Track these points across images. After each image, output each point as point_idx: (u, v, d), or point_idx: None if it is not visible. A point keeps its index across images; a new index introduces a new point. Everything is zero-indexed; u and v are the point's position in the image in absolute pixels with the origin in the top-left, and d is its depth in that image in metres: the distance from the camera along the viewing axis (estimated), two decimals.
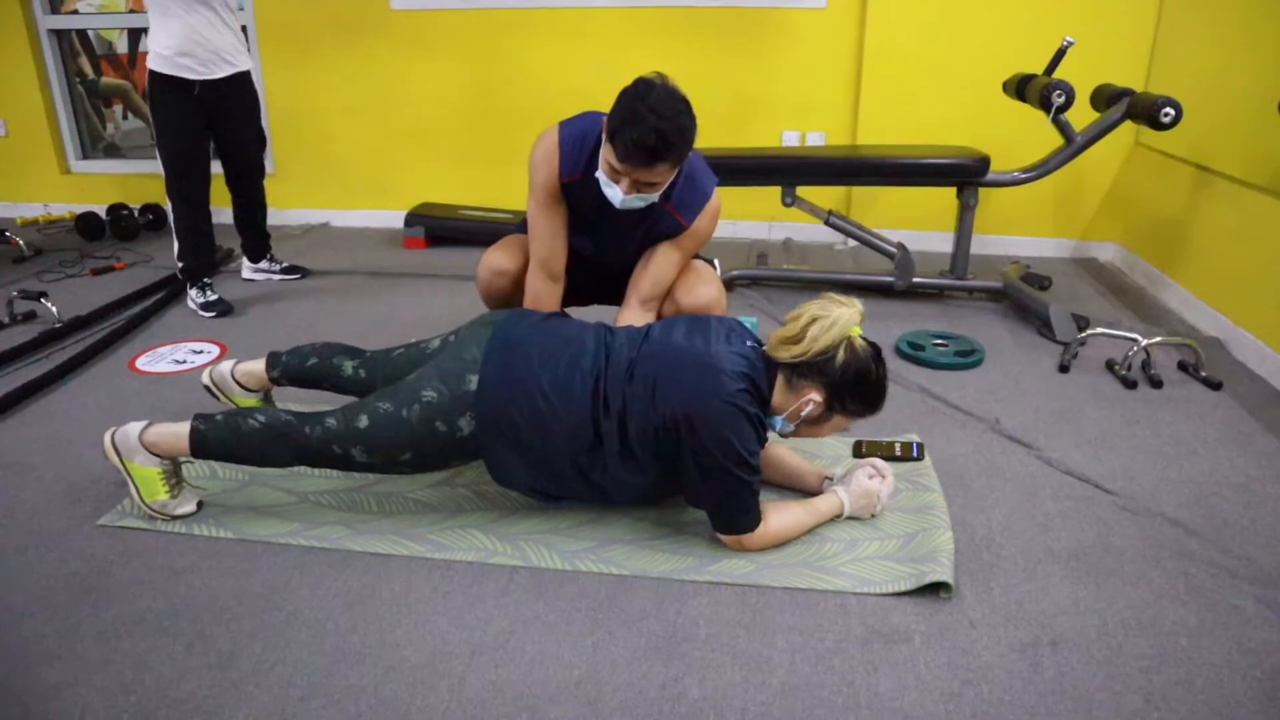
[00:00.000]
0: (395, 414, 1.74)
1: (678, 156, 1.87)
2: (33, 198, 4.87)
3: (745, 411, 1.65)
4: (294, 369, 2.11)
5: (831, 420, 1.76)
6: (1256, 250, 2.81)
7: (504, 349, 1.76)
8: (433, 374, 1.77)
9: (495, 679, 1.45)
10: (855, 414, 1.75)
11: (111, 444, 1.83)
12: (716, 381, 1.65)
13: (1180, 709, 1.38)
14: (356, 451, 1.77)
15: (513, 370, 1.74)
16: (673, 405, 1.65)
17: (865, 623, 1.58)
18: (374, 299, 3.46)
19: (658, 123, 1.78)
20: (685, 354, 1.71)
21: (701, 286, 2.18)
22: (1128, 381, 2.57)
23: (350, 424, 1.76)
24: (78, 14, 4.81)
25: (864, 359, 1.69)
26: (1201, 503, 1.97)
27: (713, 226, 2.14)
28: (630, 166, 1.84)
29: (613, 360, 1.75)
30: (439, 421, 1.73)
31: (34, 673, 1.46)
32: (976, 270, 3.51)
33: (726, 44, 4.06)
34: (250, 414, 1.81)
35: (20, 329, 3.04)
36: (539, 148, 2.03)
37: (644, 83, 1.83)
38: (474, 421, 1.73)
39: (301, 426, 1.78)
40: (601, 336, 1.82)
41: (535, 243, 2.11)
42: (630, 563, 1.74)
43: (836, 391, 1.70)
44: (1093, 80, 3.32)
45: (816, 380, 1.70)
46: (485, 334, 1.80)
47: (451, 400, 1.73)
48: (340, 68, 4.39)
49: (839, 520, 1.87)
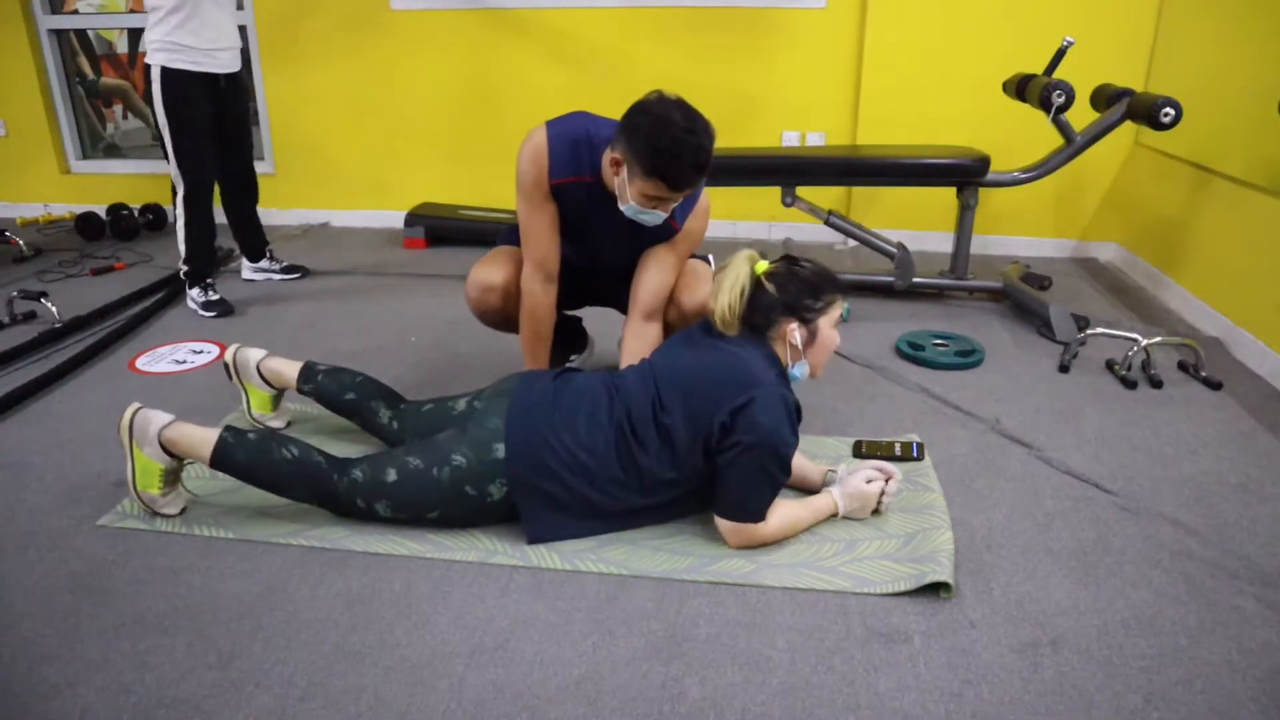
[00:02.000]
0: (425, 472, 1.76)
1: None
2: (33, 198, 4.87)
3: (785, 399, 1.69)
4: (329, 395, 2.13)
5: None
6: (1256, 250, 2.81)
7: (523, 418, 1.78)
8: (460, 440, 1.79)
9: (495, 679, 1.45)
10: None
11: (128, 424, 1.81)
12: (751, 374, 1.69)
13: (1180, 709, 1.38)
14: (381, 506, 1.78)
15: (536, 433, 1.75)
16: (722, 411, 1.67)
17: (865, 623, 1.58)
18: (374, 299, 3.45)
19: (696, 140, 1.80)
20: (707, 364, 1.74)
21: (701, 286, 2.18)
22: (1128, 381, 2.57)
23: (378, 478, 1.78)
24: (78, 14, 4.81)
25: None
26: (1201, 503, 1.97)
27: (704, 225, 2.15)
28: (682, 191, 1.87)
29: (634, 404, 1.77)
30: (469, 486, 1.75)
31: (34, 673, 1.46)
32: (976, 270, 3.51)
33: (726, 44, 4.06)
34: (285, 444, 1.80)
35: (20, 329, 3.05)
36: (527, 148, 2.02)
37: (661, 105, 1.83)
38: (505, 488, 1.75)
39: (331, 474, 1.79)
40: (610, 384, 1.84)
41: (529, 244, 2.10)
42: (630, 563, 1.74)
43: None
44: (1093, 80, 3.32)
45: (780, 312, 1.75)
46: (502, 405, 1.81)
47: (480, 466, 1.75)
48: (340, 68, 4.39)
49: (838, 520, 1.87)
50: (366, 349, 2.89)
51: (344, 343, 2.95)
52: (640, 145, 1.82)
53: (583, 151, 1.99)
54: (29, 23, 4.61)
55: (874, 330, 3.04)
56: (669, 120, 1.80)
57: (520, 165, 2.03)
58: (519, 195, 2.07)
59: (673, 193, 1.87)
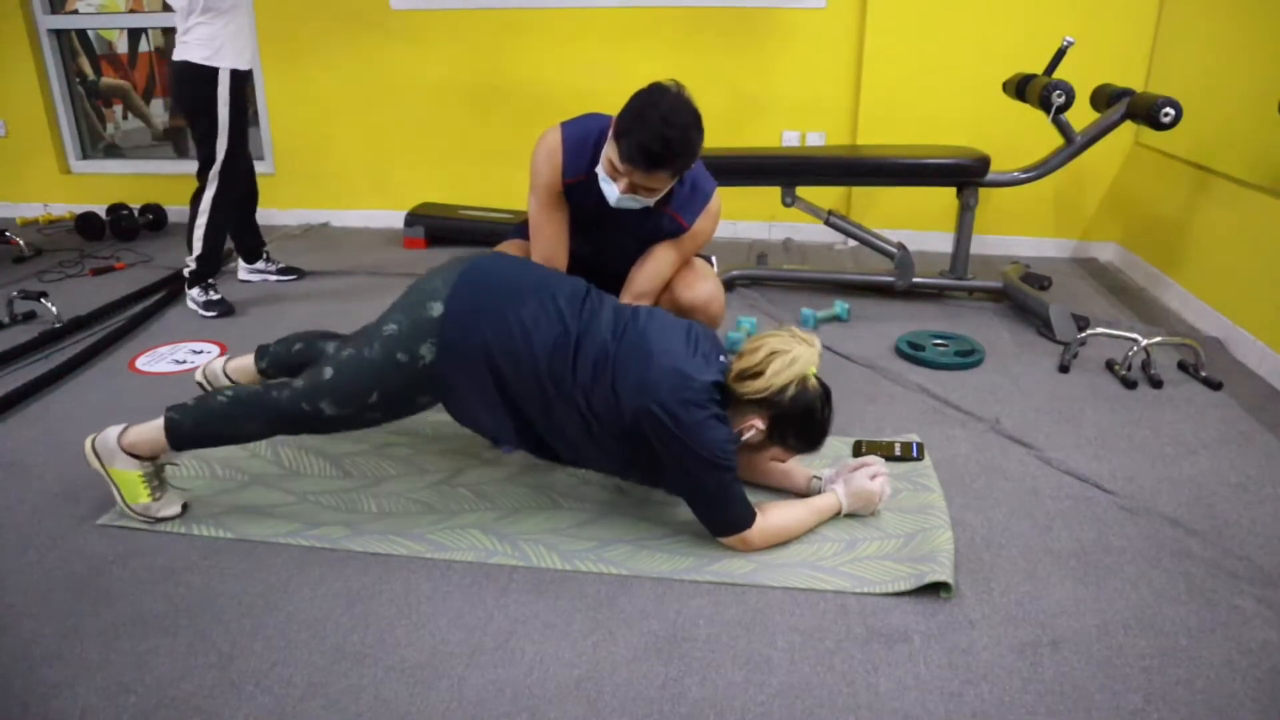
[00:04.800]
0: (358, 355, 1.74)
1: (679, 167, 1.88)
2: (33, 198, 4.87)
3: (714, 414, 1.66)
4: (281, 357, 2.12)
5: (769, 450, 1.77)
6: (1256, 250, 2.81)
7: (475, 280, 1.75)
8: (395, 308, 1.77)
9: (495, 679, 1.45)
10: (794, 449, 1.77)
11: (92, 450, 1.83)
12: (687, 384, 1.65)
13: (1180, 709, 1.38)
14: (325, 405, 1.74)
15: (481, 302, 1.72)
16: (642, 401, 1.65)
17: (865, 623, 1.58)
18: (374, 299, 3.45)
19: (666, 130, 1.78)
20: (663, 352, 1.70)
21: (700, 283, 2.19)
22: (1128, 381, 2.57)
23: (316, 378, 1.76)
24: (78, 14, 4.81)
25: (812, 397, 1.71)
26: (1201, 503, 1.97)
27: (713, 228, 2.14)
28: (631, 168, 1.84)
29: (593, 325, 1.73)
30: (400, 352, 1.71)
31: (34, 673, 1.46)
32: (976, 270, 3.51)
33: (726, 44, 4.06)
34: (220, 391, 1.82)
35: (20, 329, 3.04)
36: (541, 147, 2.03)
37: (659, 88, 1.84)
38: (435, 348, 1.70)
39: (269, 392, 1.78)
40: (583, 291, 1.81)
41: (538, 243, 2.11)
42: (630, 563, 1.74)
43: (780, 424, 1.72)
44: (1093, 80, 3.32)
45: (764, 409, 1.70)
46: (457, 266, 1.78)
47: (412, 328, 1.71)
48: (340, 67, 4.39)
49: (837, 519, 1.87)
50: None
51: None
52: (620, 119, 1.84)
53: (592, 148, 2.00)
54: (29, 23, 4.60)
55: (874, 330, 3.04)
56: (655, 100, 1.81)
57: (534, 164, 2.04)
58: (531, 194, 2.07)
59: (625, 165, 1.84)
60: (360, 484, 2.04)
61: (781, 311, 3.21)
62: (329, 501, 1.97)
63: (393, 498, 1.98)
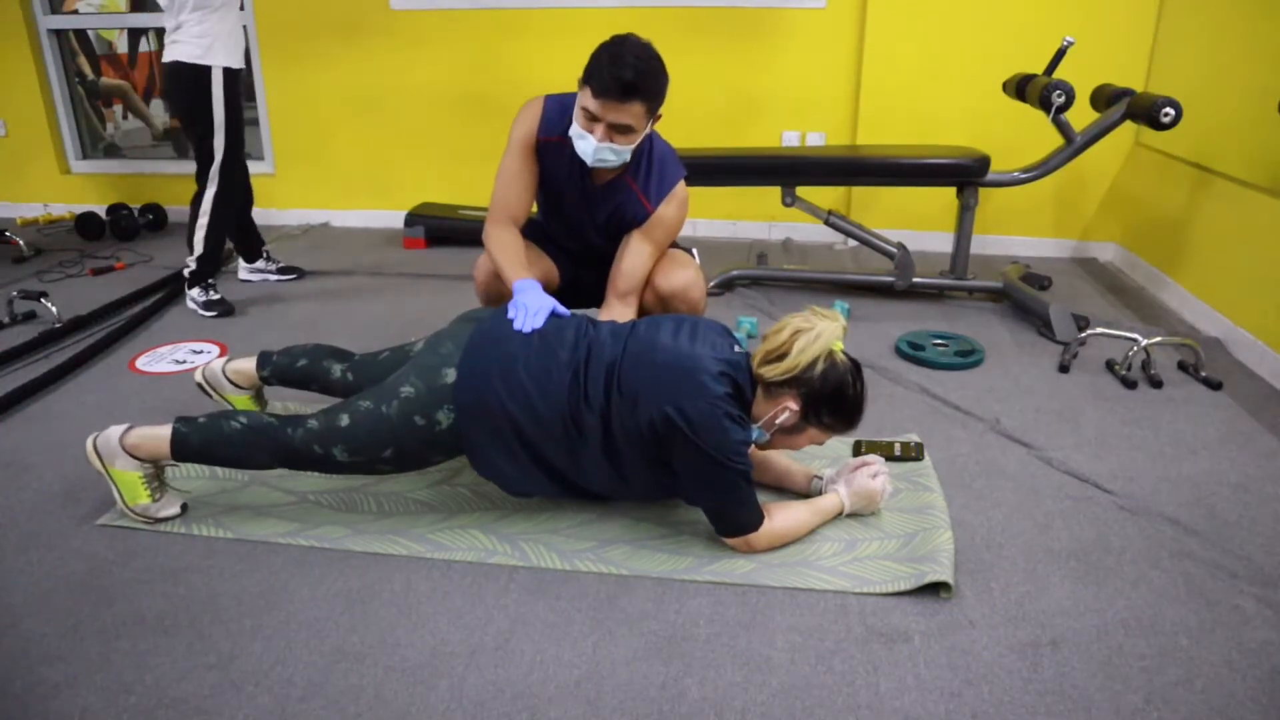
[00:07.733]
0: (375, 410, 1.75)
1: (651, 95, 1.96)
2: (33, 198, 4.87)
3: (728, 413, 1.65)
4: (284, 369, 2.12)
5: (807, 432, 1.75)
6: (1256, 250, 2.81)
7: (483, 342, 1.77)
8: (411, 371, 1.78)
9: (495, 679, 1.45)
10: (829, 428, 1.75)
11: (93, 449, 1.83)
12: (698, 383, 1.64)
13: (1180, 709, 1.38)
14: (338, 451, 1.76)
15: (490, 361, 1.74)
16: (656, 408, 1.65)
17: (865, 623, 1.58)
18: (374, 299, 3.45)
19: (635, 61, 1.89)
20: (669, 355, 1.70)
21: (677, 270, 2.20)
22: (1128, 381, 2.57)
23: (331, 423, 1.76)
24: (78, 14, 4.81)
25: (842, 372, 1.69)
26: (1201, 503, 1.97)
27: (681, 216, 2.17)
28: (605, 102, 1.90)
29: (595, 354, 1.75)
30: (418, 416, 1.73)
31: (34, 673, 1.46)
32: (976, 270, 3.51)
33: (726, 44, 4.06)
34: (233, 416, 1.81)
35: (20, 329, 3.04)
36: (523, 109, 2.11)
37: (619, 36, 1.94)
38: (452, 414, 1.73)
39: (284, 428, 1.78)
40: (583, 329, 1.82)
41: (500, 193, 2.13)
42: (630, 563, 1.74)
43: (813, 402, 1.70)
44: (1093, 80, 3.32)
45: (794, 389, 1.69)
46: (466, 330, 1.81)
47: (428, 393, 1.73)
48: (340, 67, 4.39)
49: (839, 519, 1.87)
50: (366, 349, 2.87)
51: (344, 343, 2.91)
52: (586, 68, 1.93)
53: (570, 115, 2.04)
54: (29, 23, 4.60)
55: (874, 330, 3.04)
56: (618, 42, 1.92)
57: (514, 123, 2.11)
58: (506, 151, 2.12)
59: (598, 100, 1.91)
60: (360, 484, 2.03)
61: (781, 311, 3.20)
62: (329, 501, 1.97)
63: (392, 498, 1.98)
